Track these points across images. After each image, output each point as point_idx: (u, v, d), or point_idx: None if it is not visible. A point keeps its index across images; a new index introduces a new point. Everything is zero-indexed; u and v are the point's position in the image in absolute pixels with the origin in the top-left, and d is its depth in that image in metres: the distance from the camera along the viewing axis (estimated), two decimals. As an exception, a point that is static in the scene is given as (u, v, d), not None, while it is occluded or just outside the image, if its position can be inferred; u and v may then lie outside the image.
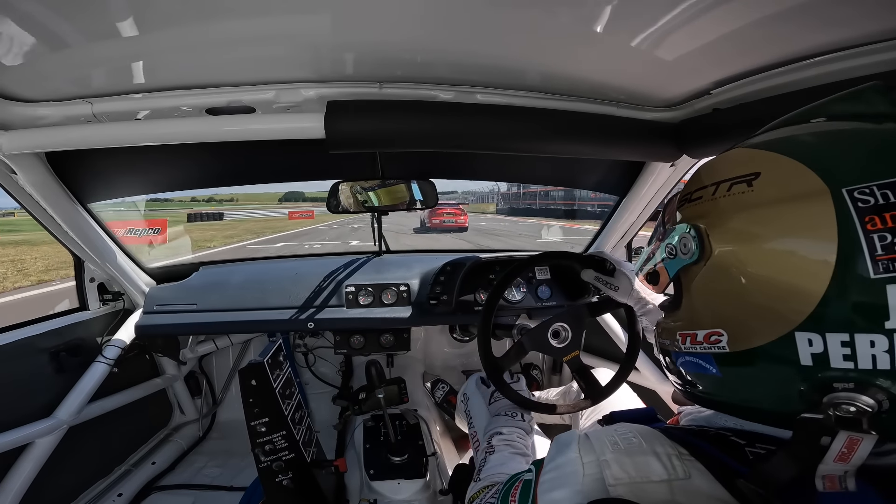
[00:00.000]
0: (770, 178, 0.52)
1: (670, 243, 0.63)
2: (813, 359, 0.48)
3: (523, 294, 1.85)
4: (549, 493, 0.64)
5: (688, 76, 1.09)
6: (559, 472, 0.65)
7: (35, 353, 1.57)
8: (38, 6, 0.71)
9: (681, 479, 0.55)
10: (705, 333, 0.59)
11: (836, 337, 0.46)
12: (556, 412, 1.30)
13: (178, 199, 42.18)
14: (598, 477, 0.59)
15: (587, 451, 0.62)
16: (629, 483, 0.57)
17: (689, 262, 0.60)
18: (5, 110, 1.06)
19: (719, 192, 0.57)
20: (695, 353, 0.61)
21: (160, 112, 1.16)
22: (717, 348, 0.57)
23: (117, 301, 1.94)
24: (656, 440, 0.60)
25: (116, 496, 1.78)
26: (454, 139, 1.17)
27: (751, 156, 0.57)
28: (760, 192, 0.53)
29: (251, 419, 1.20)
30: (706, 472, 0.54)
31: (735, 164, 0.58)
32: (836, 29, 0.82)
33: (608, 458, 0.59)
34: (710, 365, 0.59)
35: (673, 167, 1.55)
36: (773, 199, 0.51)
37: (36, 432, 1.45)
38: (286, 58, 0.99)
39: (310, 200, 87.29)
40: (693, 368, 0.63)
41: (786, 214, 0.50)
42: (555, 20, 0.84)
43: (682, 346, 0.63)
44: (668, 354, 0.70)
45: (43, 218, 1.48)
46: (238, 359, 2.53)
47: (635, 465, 0.58)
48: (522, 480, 0.74)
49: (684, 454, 0.57)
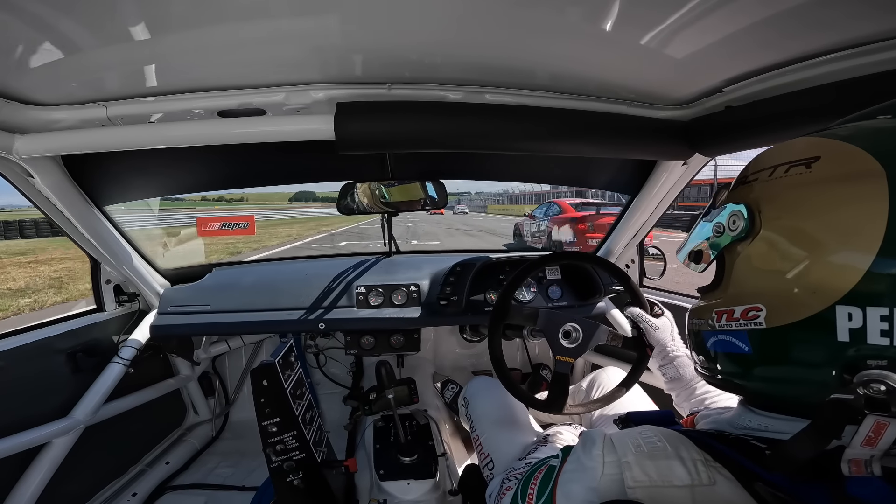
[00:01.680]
0: (829, 160, 0.54)
1: (719, 221, 0.65)
2: (850, 334, 0.49)
3: (534, 294, 1.84)
4: (567, 485, 0.66)
5: (699, 74, 1.07)
6: (579, 465, 0.66)
7: (53, 354, 1.60)
8: (53, 11, 0.72)
9: (705, 485, 0.55)
10: (743, 309, 0.60)
11: (877, 311, 0.47)
12: (560, 412, 1.29)
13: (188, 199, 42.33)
14: (617, 478, 0.59)
15: (609, 451, 0.63)
16: (649, 486, 0.57)
17: (735, 239, 0.62)
18: (22, 114, 1.08)
19: (777, 174, 0.59)
20: (729, 331, 0.63)
21: (172, 115, 1.17)
22: (754, 324, 0.59)
23: (133, 302, 1.97)
24: (682, 444, 0.60)
25: (131, 496, 1.80)
26: (463, 139, 1.17)
27: (813, 143, 0.58)
28: (817, 173, 0.54)
29: (262, 419, 1.21)
30: (732, 479, 0.54)
31: (796, 149, 0.59)
32: (853, 25, 0.80)
33: (629, 460, 0.60)
34: (744, 343, 0.61)
35: (685, 166, 1.53)
36: (829, 178, 0.53)
37: (53, 432, 1.47)
38: (295, 60, 1.00)
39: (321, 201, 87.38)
40: (724, 347, 0.64)
41: (839, 191, 0.52)
42: (563, 19, 0.83)
43: (717, 323, 0.65)
44: (698, 336, 0.71)
45: (59, 220, 1.51)
46: (250, 359, 2.55)
47: (658, 468, 0.58)
48: (548, 465, 0.74)
49: (709, 460, 0.57)
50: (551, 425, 1.41)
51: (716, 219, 0.67)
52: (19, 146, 1.14)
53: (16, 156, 1.15)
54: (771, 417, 0.61)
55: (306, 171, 1.92)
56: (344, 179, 1.71)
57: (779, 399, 0.60)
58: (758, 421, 0.63)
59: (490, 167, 1.95)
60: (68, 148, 1.19)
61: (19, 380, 1.46)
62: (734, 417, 0.68)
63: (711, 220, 0.68)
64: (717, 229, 0.66)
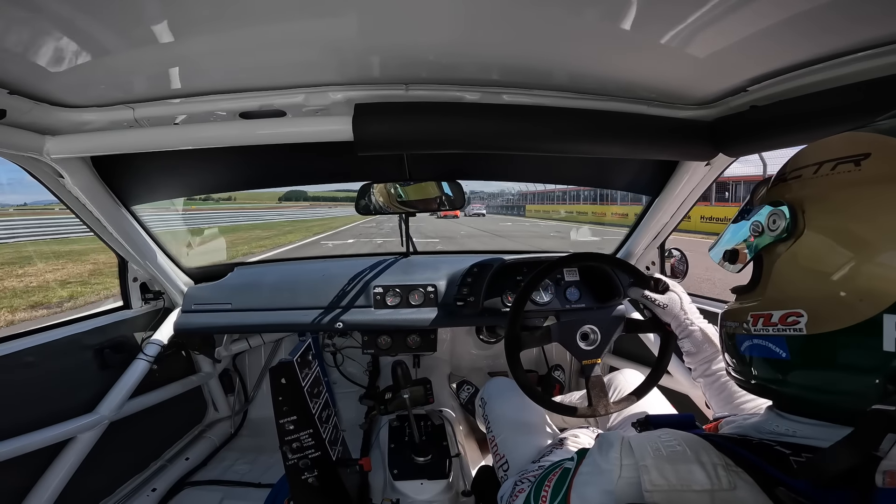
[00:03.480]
0: (881, 157, 0.51)
1: (758, 220, 0.63)
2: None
3: (551, 296, 1.82)
4: (582, 488, 0.64)
5: (722, 73, 1.05)
6: (596, 468, 0.64)
7: (81, 350, 1.64)
8: (82, 14, 0.75)
9: (725, 490, 0.53)
10: (782, 314, 0.58)
11: None
12: (576, 415, 1.27)
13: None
14: (634, 482, 0.58)
15: (627, 454, 0.62)
16: (668, 490, 0.56)
17: (775, 240, 0.60)
18: (53, 116, 1.12)
19: (822, 171, 0.56)
20: (766, 336, 0.60)
21: (196, 116, 1.20)
22: (794, 330, 0.56)
23: (158, 300, 2.01)
24: (702, 449, 0.58)
25: (151, 491, 1.83)
26: (481, 140, 1.17)
27: (860, 138, 0.55)
28: (868, 171, 0.52)
29: (280, 417, 1.23)
30: (753, 485, 0.53)
31: (842, 145, 0.56)
32: (880, 23, 0.77)
33: (648, 464, 0.58)
34: (781, 349, 0.58)
35: (708, 166, 1.49)
36: (881, 178, 0.50)
37: (79, 427, 1.51)
38: (314, 62, 1.01)
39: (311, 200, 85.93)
40: (760, 352, 0.62)
41: (891, 193, 0.49)
42: (581, 18, 0.82)
43: (753, 327, 0.62)
44: (731, 339, 0.68)
45: (88, 220, 1.56)
46: (270, 357, 2.59)
47: (677, 472, 0.56)
48: (562, 468, 0.73)
49: (730, 465, 0.55)
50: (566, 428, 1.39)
51: (753, 218, 0.64)
52: (50, 147, 1.18)
53: (47, 156, 1.20)
54: (800, 423, 0.60)
55: (325, 171, 1.94)
56: (362, 180, 1.73)
57: (814, 405, 0.58)
58: (786, 426, 0.61)
59: (508, 167, 1.94)
60: (97, 149, 1.22)
61: (49, 375, 1.51)
62: (760, 422, 0.66)
63: (749, 220, 0.65)
64: (756, 229, 0.63)
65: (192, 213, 26.66)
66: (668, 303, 1.19)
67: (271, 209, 42.46)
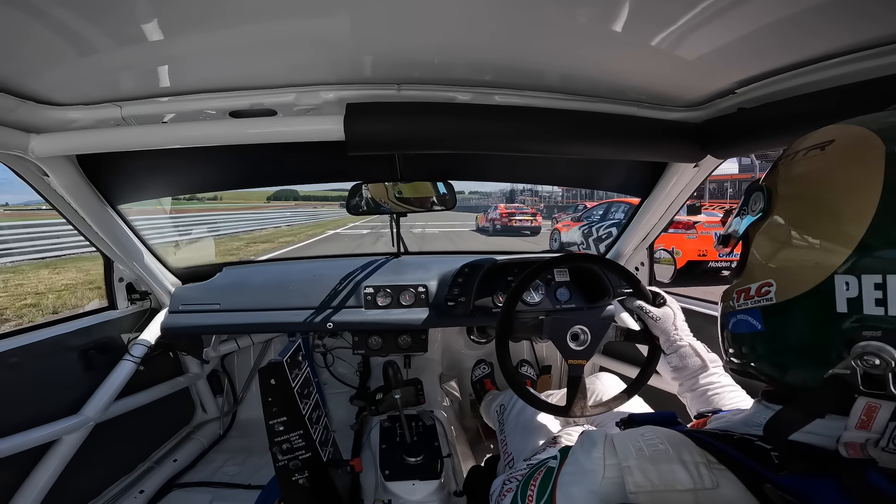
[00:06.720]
0: (841, 142, 0.57)
1: (744, 206, 0.69)
2: (848, 304, 0.51)
3: (542, 296, 1.83)
4: (568, 487, 0.65)
5: (711, 75, 1.06)
6: (580, 468, 0.65)
7: (65, 351, 1.62)
8: (69, 12, 0.73)
9: (708, 488, 0.54)
10: (757, 286, 0.63)
11: (871, 279, 0.49)
12: (549, 411, 1.28)
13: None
14: (619, 482, 0.58)
15: (610, 454, 0.62)
16: (651, 491, 0.56)
17: (755, 219, 0.65)
18: (38, 114, 1.09)
19: (796, 158, 0.62)
20: (746, 310, 0.65)
21: (185, 115, 1.19)
22: (766, 300, 0.61)
23: (144, 300, 1.99)
24: (684, 447, 0.59)
25: (138, 493, 1.81)
26: (472, 140, 1.17)
27: (832, 129, 0.60)
28: (830, 154, 0.57)
29: (270, 418, 1.22)
30: (736, 481, 0.53)
31: (817, 136, 0.61)
32: (867, 26, 0.79)
33: (631, 465, 0.59)
34: (757, 320, 0.62)
35: (696, 168, 1.51)
36: (836, 156, 0.56)
37: (64, 429, 1.49)
38: (306, 61, 1.00)
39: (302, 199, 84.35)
40: (742, 327, 0.66)
41: (844, 167, 0.55)
42: (573, 20, 0.83)
43: (737, 303, 0.67)
44: (723, 319, 0.73)
45: (73, 219, 1.53)
46: (259, 358, 2.57)
47: (660, 473, 0.57)
48: (546, 467, 0.74)
49: (713, 462, 0.56)
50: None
51: (742, 204, 0.70)
52: (35, 145, 1.16)
53: (31, 155, 1.17)
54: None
55: (316, 171, 1.93)
56: (353, 180, 1.72)
57: (787, 386, 0.60)
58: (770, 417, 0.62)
59: (499, 168, 1.95)
60: (83, 147, 1.20)
61: (32, 376, 1.48)
62: (749, 416, 0.68)
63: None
64: (741, 211, 0.69)
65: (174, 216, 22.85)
66: (661, 316, 1.20)
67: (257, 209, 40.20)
